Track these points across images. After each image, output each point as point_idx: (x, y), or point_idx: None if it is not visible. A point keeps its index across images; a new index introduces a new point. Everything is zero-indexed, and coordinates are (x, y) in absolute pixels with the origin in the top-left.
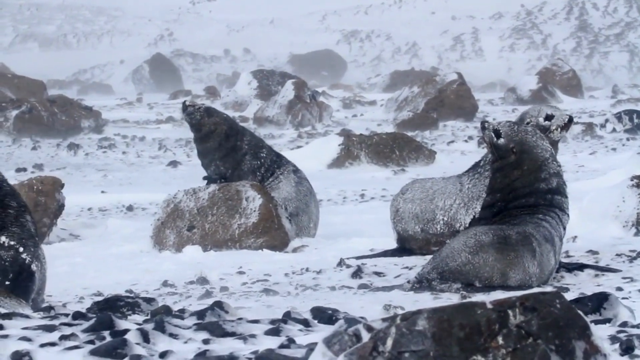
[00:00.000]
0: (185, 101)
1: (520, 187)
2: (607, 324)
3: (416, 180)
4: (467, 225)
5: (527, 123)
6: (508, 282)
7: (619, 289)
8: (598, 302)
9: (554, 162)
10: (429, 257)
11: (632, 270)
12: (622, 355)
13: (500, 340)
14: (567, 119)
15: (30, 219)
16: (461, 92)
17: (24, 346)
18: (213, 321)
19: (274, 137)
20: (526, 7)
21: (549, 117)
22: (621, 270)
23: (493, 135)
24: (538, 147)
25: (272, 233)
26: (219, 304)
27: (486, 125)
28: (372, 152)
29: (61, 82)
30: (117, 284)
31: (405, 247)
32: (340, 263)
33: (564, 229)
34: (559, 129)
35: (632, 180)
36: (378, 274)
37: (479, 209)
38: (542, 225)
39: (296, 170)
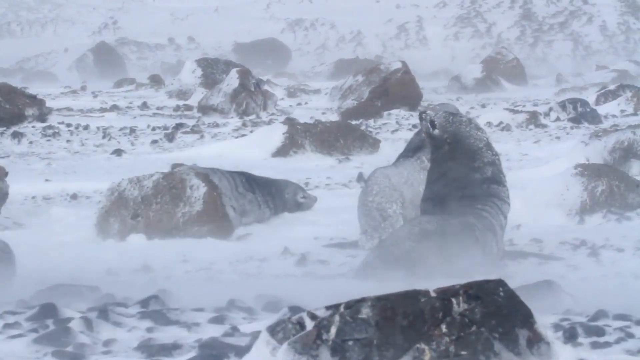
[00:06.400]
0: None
1: (455, 178)
2: (551, 312)
3: (378, 173)
4: None
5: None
6: (451, 270)
7: (563, 277)
8: (541, 290)
9: (489, 152)
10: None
11: (575, 258)
12: (565, 342)
13: (443, 328)
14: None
15: None
16: (405, 81)
17: None
18: (157, 309)
19: (218, 126)
20: None
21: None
22: (565, 258)
23: (429, 126)
24: (471, 137)
25: (216, 221)
26: (162, 292)
27: (423, 116)
28: (316, 141)
29: (5, 70)
30: (61, 272)
31: None
32: (285, 251)
33: (505, 217)
34: None
35: (575, 168)
36: (322, 262)
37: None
38: (482, 215)
39: None
